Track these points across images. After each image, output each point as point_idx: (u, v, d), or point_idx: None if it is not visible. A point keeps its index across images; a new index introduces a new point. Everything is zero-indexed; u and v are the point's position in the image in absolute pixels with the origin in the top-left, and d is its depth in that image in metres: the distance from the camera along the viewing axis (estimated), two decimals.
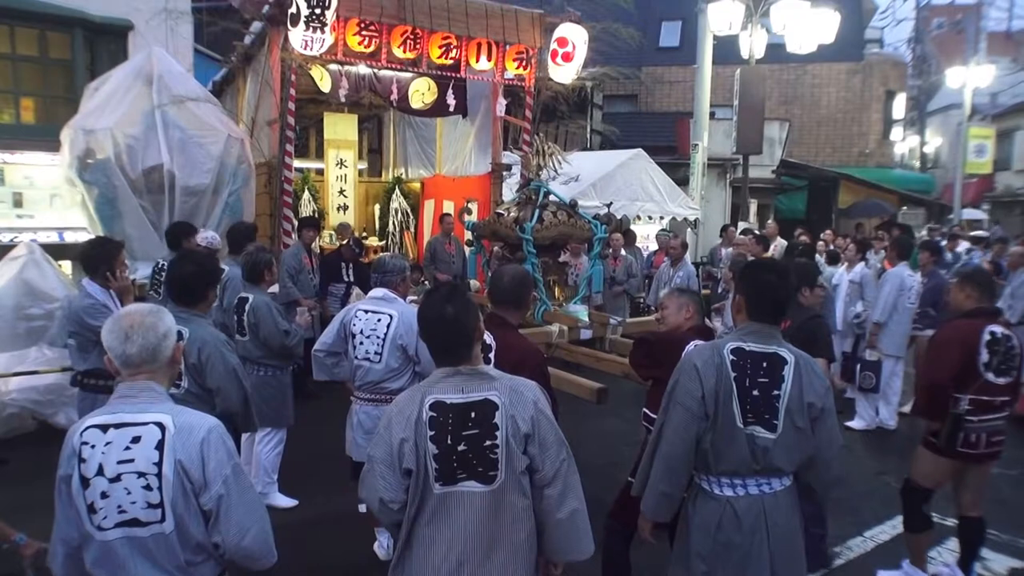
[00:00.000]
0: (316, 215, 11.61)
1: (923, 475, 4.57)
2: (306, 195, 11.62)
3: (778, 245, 12.30)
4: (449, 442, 2.45)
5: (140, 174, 7.77)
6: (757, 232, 10.75)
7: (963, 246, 14.24)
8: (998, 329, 4.39)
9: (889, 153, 25.83)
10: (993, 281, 4.81)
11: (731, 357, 2.92)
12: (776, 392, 2.89)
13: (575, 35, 9.42)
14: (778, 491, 2.94)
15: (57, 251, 8.15)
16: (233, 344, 4.30)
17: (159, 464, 2.27)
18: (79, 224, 8.27)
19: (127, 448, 2.28)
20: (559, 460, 2.54)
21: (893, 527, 5.51)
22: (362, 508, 5.28)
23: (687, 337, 3.89)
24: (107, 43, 10.28)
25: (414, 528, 2.52)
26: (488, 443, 2.46)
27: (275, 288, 6.73)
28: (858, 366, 7.91)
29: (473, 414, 2.47)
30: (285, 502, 5.67)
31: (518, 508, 2.52)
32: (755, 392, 2.89)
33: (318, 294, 8.32)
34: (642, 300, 11.28)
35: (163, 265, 6.35)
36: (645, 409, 3.99)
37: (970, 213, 23.85)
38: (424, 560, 2.50)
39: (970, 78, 22.43)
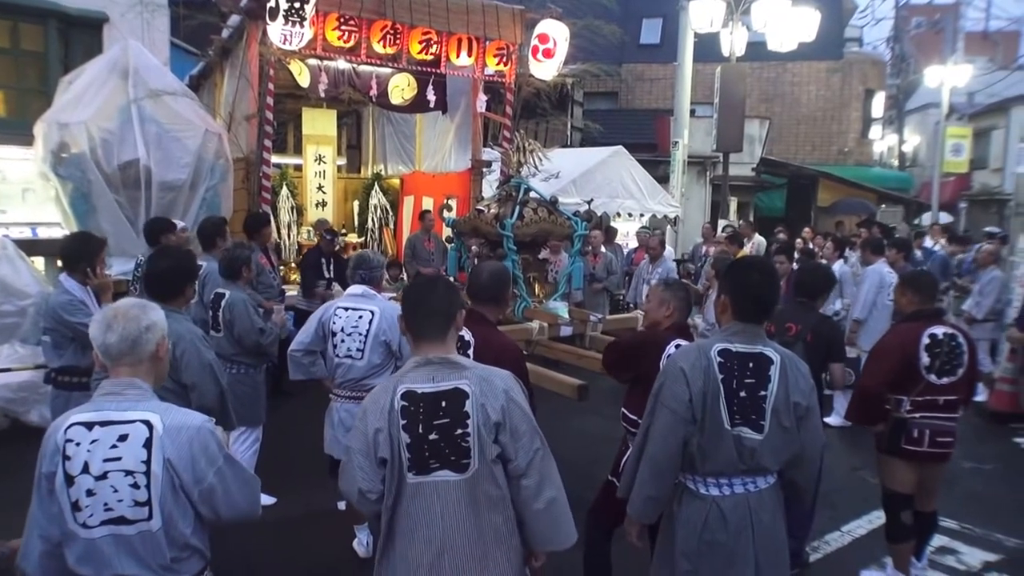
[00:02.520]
0: (295, 211, 11.52)
1: (887, 478, 4.57)
2: (284, 191, 11.49)
3: (756, 243, 12.36)
4: (420, 431, 2.47)
5: (116, 169, 7.67)
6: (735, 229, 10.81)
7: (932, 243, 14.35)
8: (939, 330, 4.37)
9: (868, 151, 26.03)
10: (935, 282, 4.77)
11: (718, 359, 2.90)
12: (763, 392, 2.88)
13: (556, 31, 9.38)
14: (763, 489, 2.94)
15: (30, 247, 8.02)
16: (209, 340, 4.26)
17: (147, 462, 2.28)
18: (53, 219, 8.16)
19: (114, 446, 2.28)
20: (532, 450, 2.54)
21: (869, 521, 5.58)
22: (341, 505, 5.27)
23: (666, 337, 3.85)
24: (81, 35, 10.20)
25: (393, 520, 2.54)
26: (459, 432, 2.47)
27: None
28: None
29: (444, 403, 2.49)
30: (264, 500, 5.59)
31: (494, 498, 2.52)
32: (742, 393, 2.88)
33: (283, 294, 8.23)
34: (622, 297, 11.29)
35: (142, 261, 6.27)
36: (624, 409, 3.97)
37: (943, 217, 24.00)
38: (405, 552, 2.51)
39: (948, 77, 22.57)
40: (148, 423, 2.31)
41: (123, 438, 2.28)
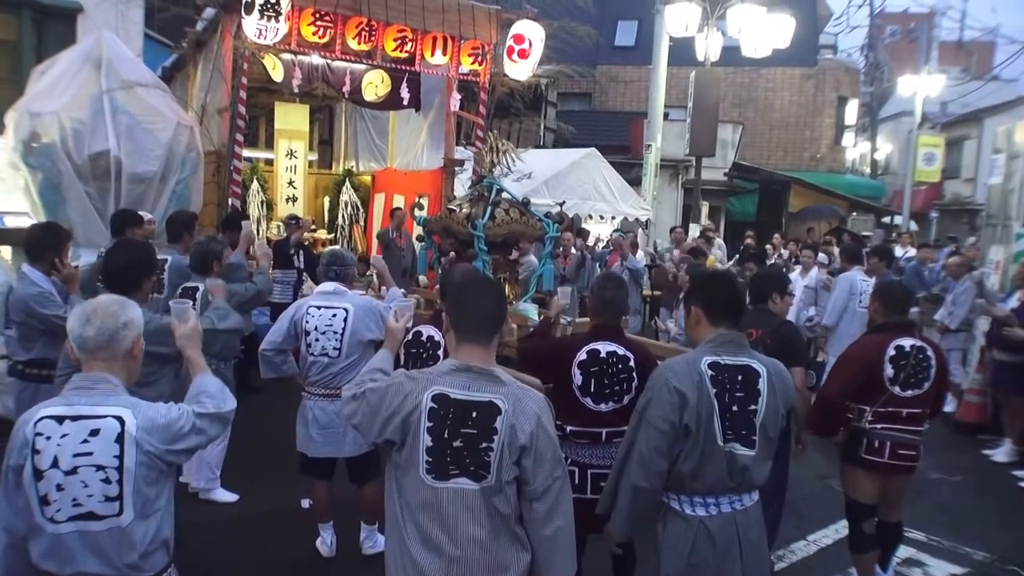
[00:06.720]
0: (264, 206, 11.46)
1: (850, 487, 4.51)
2: (255, 185, 11.43)
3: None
4: (446, 436, 2.43)
5: (86, 160, 7.58)
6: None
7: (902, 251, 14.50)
8: (906, 342, 4.28)
9: (840, 158, 26.27)
10: (905, 294, 4.66)
11: (710, 372, 2.85)
12: (753, 407, 2.85)
13: (531, 32, 9.41)
14: (749, 507, 2.92)
15: None
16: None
17: (120, 457, 2.29)
18: (21, 209, 8.04)
19: (85, 441, 2.28)
20: (552, 477, 2.49)
21: (836, 531, 5.52)
22: (305, 503, 5.25)
23: (581, 341, 3.75)
24: (55, 25, 10.10)
25: (406, 519, 2.51)
26: (484, 445, 2.43)
27: None
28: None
29: (475, 413, 2.45)
30: (227, 497, 5.60)
31: (504, 514, 2.49)
32: (734, 408, 2.83)
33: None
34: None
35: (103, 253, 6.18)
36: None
37: (912, 226, 24.29)
38: (418, 557, 2.46)
39: (921, 86, 22.79)
40: (120, 419, 2.32)
41: (95, 433, 2.29)
